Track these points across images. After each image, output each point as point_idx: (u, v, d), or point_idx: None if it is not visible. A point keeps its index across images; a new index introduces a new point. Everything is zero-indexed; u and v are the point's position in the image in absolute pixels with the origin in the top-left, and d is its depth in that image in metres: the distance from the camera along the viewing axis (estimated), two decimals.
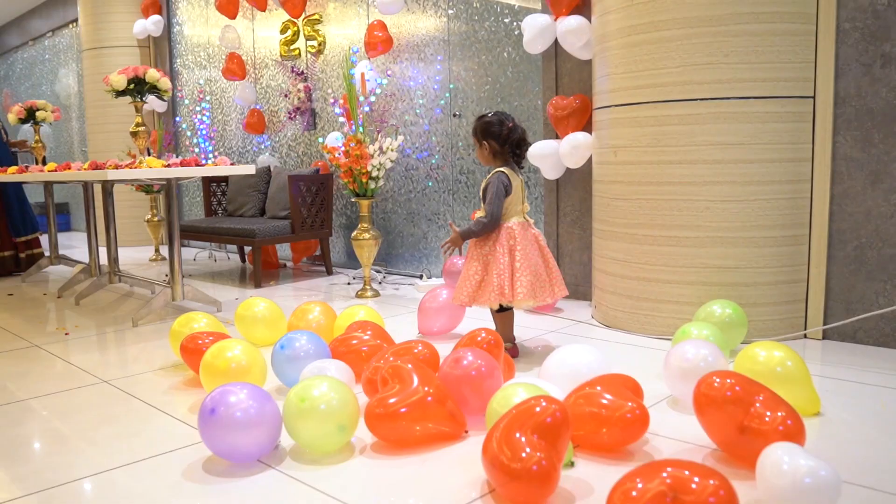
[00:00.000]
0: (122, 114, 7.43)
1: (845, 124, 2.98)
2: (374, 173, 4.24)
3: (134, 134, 4.06)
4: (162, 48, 7.60)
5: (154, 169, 3.71)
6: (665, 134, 3.12)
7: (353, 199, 4.40)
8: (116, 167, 3.76)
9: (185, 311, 4.07)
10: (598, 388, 2.04)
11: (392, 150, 4.28)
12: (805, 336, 3.13)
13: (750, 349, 2.32)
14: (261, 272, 4.97)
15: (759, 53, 2.96)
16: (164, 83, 4.03)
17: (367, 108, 4.72)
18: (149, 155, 4.22)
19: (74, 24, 9.19)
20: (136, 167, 3.75)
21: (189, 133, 7.38)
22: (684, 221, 3.11)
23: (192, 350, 2.72)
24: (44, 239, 6.62)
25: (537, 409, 1.70)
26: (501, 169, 2.86)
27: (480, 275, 2.86)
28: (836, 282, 3.06)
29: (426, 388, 2.09)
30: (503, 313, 2.97)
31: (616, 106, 3.31)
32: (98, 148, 7.75)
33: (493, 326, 3.04)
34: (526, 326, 3.50)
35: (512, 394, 1.97)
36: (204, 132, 6.99)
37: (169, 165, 3.80)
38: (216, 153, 6.95)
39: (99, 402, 2.55)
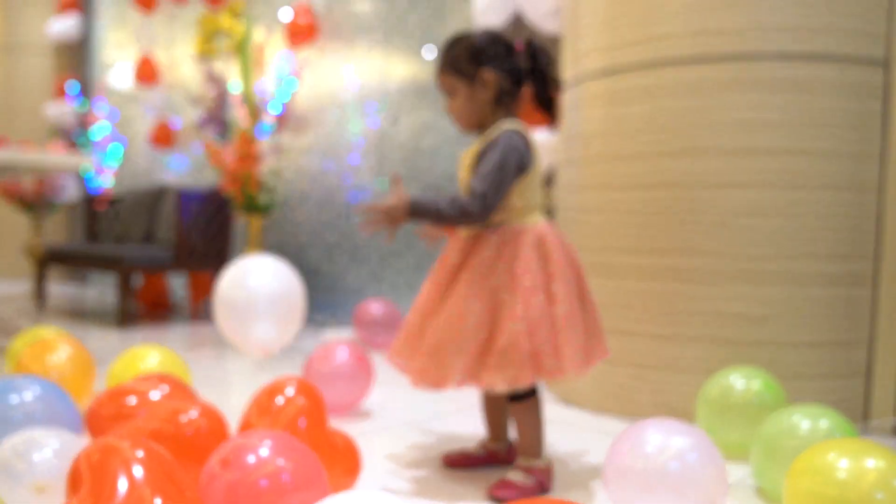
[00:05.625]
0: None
1: None
2: (268, 181, 3.15)
3: None
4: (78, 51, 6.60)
5: None
6: (662, 112, 2.08)
7: (240, 219, 3.29)
8: None
9: None
10: None
11: (294, 151, 3.20)
12: (866, 426, 2.02)
13: (819, 454, 1.23)
14: (127, 309, 3.79)
15: None
16: None
17: (275, 114, 3.65)
18: None
19: None
20: None
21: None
22: (687, 243, 2.04)
23: None
24: None
25: None
26: (514, 127, 1.59)
27: (488, 327, 1.52)
28: None
29: None
30: (525, 403, 1.58)
31: (590, 79, 2.28)
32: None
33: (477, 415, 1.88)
34: (434, 400, 2.31)
35: None
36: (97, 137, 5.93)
37: None
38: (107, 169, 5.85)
39: None
